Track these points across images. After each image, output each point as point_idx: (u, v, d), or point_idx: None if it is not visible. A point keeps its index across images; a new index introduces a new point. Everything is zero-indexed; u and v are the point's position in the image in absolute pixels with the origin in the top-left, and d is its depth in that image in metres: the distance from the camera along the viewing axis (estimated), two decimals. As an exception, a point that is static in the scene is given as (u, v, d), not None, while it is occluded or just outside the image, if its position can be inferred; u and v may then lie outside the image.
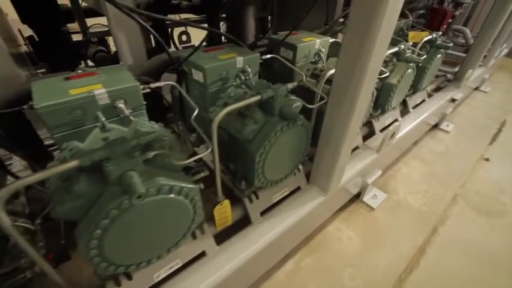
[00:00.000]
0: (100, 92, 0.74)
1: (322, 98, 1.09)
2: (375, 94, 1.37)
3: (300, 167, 1.29)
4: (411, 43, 1.61)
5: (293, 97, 1.06)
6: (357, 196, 1.80)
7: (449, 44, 1.89)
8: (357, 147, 1.60)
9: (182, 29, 3.21)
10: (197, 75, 1.09)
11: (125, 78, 0.82)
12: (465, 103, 3.12)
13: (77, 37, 2.29)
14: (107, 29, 2.51)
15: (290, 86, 0.98)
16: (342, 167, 1.22)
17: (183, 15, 2.64)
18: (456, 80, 2.55)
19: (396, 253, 1.49)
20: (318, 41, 1.40)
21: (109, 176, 0.64)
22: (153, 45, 2.44)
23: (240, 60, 1.11)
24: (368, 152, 1.57)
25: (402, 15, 2.37)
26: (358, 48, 0.84)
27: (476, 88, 3.45)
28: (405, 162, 2.17)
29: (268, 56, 1.27)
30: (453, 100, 2.45)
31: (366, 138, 1.74)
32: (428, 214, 1.74)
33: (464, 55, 2.78)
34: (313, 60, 1.42)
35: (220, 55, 1.12)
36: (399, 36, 2.03)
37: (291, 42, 1.34)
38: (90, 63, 2.22)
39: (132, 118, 0.77)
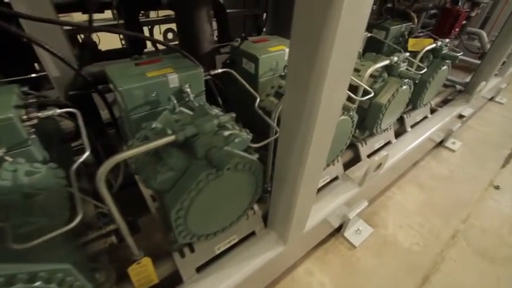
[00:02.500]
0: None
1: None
2: (355, 119, 1.11)
3: (256, 207, 1.06)
4: (407, 54, 1.32)
5: (235, 129, 0.82)
6: (338, 229, 1.55)
7: (457, 54, 1.59)
8: (336, 178, 1.35)
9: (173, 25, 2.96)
10: (119, 97, 0.86)
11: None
12: (477, 116, 2.78)
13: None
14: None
15: (224, 118, 0.74)
16: (304, 213, 0.97)
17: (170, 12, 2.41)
18: (466, 92, 2.24)
19: (375, 309, 1.24)
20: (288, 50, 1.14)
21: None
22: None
23: (173, 79, 0.88)
24: (349, 185, 1.31)
25: (404, 16, 2.07)
26: (305, 71, 0.59)
27: (491, 99, 3.09)
28: (400, 187, 1.90)
29: (219, 70, 1.02)
30: (461, 116, 2.14)
31: (351, 163, 1.48)
32: (420, 256, 1.48)
33: (478, 62, 2.45)
34: (283, 73, 1.17)
35: (150, 71, 0.89)
36: (398, 43, 1.74)
37: (252, 53, 1.09)
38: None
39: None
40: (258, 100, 0.92)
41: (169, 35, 2.98)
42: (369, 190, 1.53)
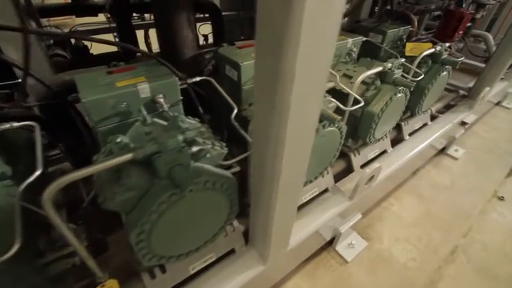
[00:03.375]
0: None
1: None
2: (343, 130, 1.04)
3: (236, 224, 1.00)
4: (402, 60, 1.25)
5: (206, 144, 0.76)
6: (331, 241, 1.48)
7: (458, 59, 1.51)
8: (326, 190, 1.28)
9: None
10: (83, 108, 0.81)
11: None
12: (482, 121, 2.67)
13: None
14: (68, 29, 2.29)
15: (191, 134, 0.68)
16: (284, 231, 0.91)
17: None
18: (470, 97, 2.14)
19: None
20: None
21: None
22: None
23: (144, 88, 0.83)
24: (339, 198, 1.24)
25: (404, 19, 1.99)
26: (270, 79, 0.53)
27: (498, 103, 2.98)
28: (397, 198, 1.81)
29: (198, 78, 0.97)
30: (464, 123, 2.05)
31: (343, 173, 1.41)
32: (416, 273, 1.40)
33: (484, 66, 2.35)
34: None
35: (121, 80, 0.84)
36: (396, 47, 1.67)
37: (234, 59, 1.03)
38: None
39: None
40: (235, 111, 0.86)
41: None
42: (363, 202, 1.46)
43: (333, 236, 1.42)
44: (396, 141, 1.68)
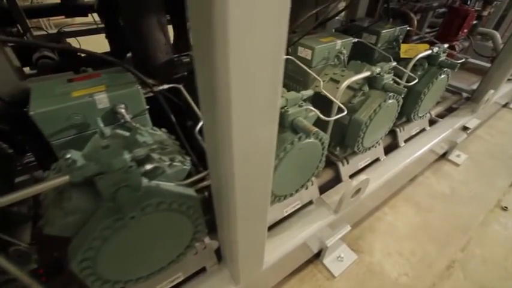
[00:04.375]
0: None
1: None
2: (325, 142, 0.97)
3: (208, 240, 0.93)
4: (394, 63, 1.16)
5: (162, 160, 0.70)
6: (319, 254, 1.40)
7: (458, 61, 1.41)
8: (310, 202, 1.21)
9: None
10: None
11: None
12: (487, 124, 2.54)
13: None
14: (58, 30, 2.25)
15: (140, 152, 0.62)
16: (254, 251, 0.84)
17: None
18: (473, 101, 2.02)
19: None
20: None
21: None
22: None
23: (101, 99, 0.77)
24: (323, 211, 1.17)
25: (402, 18, 1.88)
26: (208, 91, 0.46)
27: (505, 105, 2.84)
28: (392, 207, 1.72)
29: (165, 86, 0.91)
30: (465, 128, 1.94)
31: (331, 183, 1.33)
32: (408, 290, 1.32)
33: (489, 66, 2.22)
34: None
35: (79, 90, 0.78)
36: (392, 48, 1.57)
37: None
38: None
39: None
40: (200, 123, 0.79)
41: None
42: (352, 213, 1.38)
43: (320, 248, 1.35)
44: (391, 147, 1.59)
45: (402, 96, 1.15)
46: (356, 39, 1.41)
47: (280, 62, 0.43)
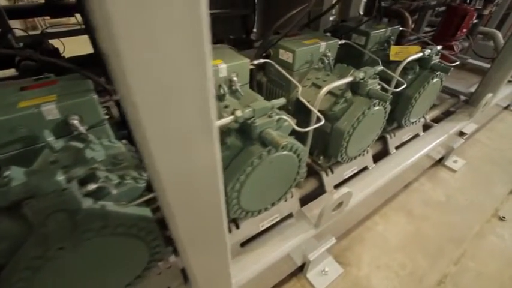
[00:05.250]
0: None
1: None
2: (301, 153, 0.90)
3: (173, 259, 0.87)
4: (380, 68, 1.08)
5: (109, 179, 0.63)
6: (301, 267, 1.34)
7: (452, 64, 1.32)
8: (290, 215, 1.14)
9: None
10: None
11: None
12: (487, 127, 2.45)
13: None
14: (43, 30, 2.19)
15: (77, 172, 0.56)
16: (217, 275, 0.78)
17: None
18: (471, 104, 1.94)
19: None
20: (223, 66, 0.94)
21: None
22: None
23: (49, 110, 0.70)
24: (303, 225, 1.10)
25: (396, 18, 1.80)
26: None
27: (507, 107, 2.74)
28: (384, 216, 1.65)
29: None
30: (462, 134, 1.85)
31: (315, 193, 1.26)
32: (396, 307, 1.25)
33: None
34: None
35: (28, 99, 0.72)
36: (383, 50, 1.49)
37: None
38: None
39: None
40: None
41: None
42: (337, 225, 1.31)
43: (303, 262, 1.28)
44: (382, 154, 1.51)
45: (387, 103, 1.07)
46: (343, 41, 1.34)
47: (205, 69, 0.36)
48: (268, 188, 0.91)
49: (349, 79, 0.99)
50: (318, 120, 0.92)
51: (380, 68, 1.07)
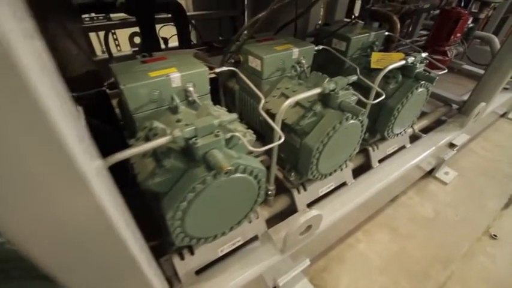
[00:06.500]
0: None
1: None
2: (259, 175, 0.80)
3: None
4: (354, 77, 0.98)
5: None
6: (275, 289, 1.23)
7: (435, 75, 1.23)
8: (255, 237, 1.04)
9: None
10: None
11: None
12: (483, 136, 2.34)
13: None
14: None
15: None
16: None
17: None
18: (463, 113, 1.83)
19: None
20: (177, 75, 0.84)
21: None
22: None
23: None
24: (267, 250, 1.00)
25: (384, 21, 1.70)
26: None
27: (504, 115, 2.63)
28: (367, 232, 1.55)
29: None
30: (452, 145, 1.74)
31: (287, 213, 1.16)
32: (373, 338, 1.14)
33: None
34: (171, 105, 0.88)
35: None
36: (366, 56, 1.39)
37: (118, 80, 0.80)
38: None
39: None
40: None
41: (136, 39, 2.75)
42: (312, 246, 1.21)
43: (274, 285, 1.18)
44: (364, 168, 1.41)
45: (359, 118, 0.97)
46: (320, 47, 1.24)
47: (33, 97, 0.26)
48: (223, 212, 0.81)
49: (317, 90, 0.90)
50: (299, 134, 0.82)
51: (354, 77, 0.97)
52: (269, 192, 1.06)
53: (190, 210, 0.71)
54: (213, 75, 0.98)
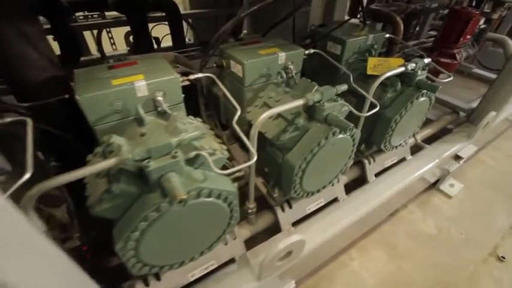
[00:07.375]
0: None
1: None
2: (230, 198, 0.71)
3: None
4: (344, 87, 0.88)
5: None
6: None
7: (444, 80, 1.11)
8: (232, 260, 0.95)
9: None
10: None
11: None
12: (492, 146, 2.19)
13: None
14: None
15: None
16: None
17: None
18: (471, 122, 1.70)
19: None
20: (143, 83, 0.75)
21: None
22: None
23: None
24: (244, 275, 0.91)
25: (388, 22, 1.58)
26: None
27: (517, 122, 2.46)
28: (362, 249, 1.44)
29: (8, 119, 0.67)
30: (458, 157, 1.62)
31: (271, 232, 1.07)
32: None
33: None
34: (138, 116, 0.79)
35: None
36: (364, 61, 1.28)
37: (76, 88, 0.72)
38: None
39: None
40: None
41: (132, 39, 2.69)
42: (298, 267, 1.11)
43: (256, 309, 1.09)
44: (360, 182, 1.31)
45: (347, 132, 0.87)
46: (312, 51, 1.14)
47: None
48: (188, 238, 0.73)
49: (299, 102, 0.80)
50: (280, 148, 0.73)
51: (344, 87, 0.87)
52: (249, 211, 0.97)
53: (145, 240, 0.62)
54: (188, 83, 0.89)
